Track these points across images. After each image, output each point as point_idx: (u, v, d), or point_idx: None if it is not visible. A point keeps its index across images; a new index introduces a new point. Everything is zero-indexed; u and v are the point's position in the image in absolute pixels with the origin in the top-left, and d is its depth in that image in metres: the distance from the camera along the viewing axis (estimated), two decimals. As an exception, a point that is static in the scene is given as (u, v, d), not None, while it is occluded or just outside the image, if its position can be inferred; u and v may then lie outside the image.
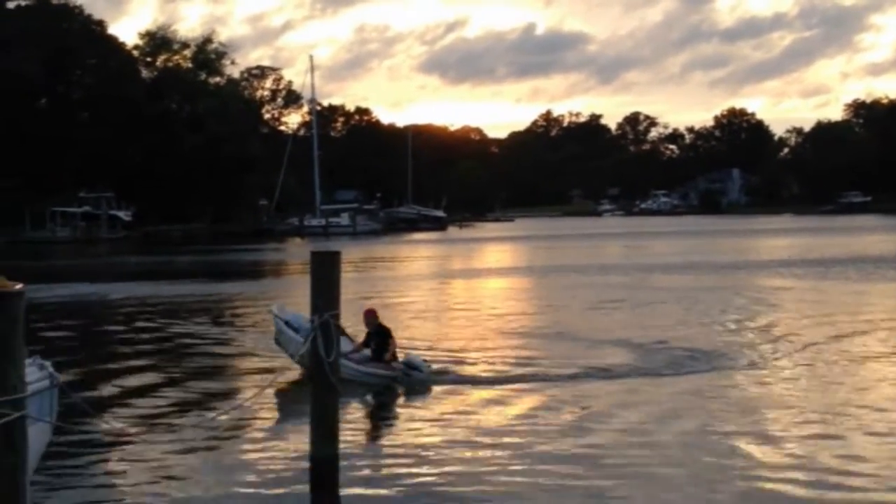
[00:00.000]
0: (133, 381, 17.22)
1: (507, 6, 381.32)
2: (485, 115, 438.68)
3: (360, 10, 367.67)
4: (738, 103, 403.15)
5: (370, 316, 16.86)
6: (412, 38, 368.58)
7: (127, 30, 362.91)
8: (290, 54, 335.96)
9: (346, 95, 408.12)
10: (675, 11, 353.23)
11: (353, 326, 17.75)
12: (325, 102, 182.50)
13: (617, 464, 11.28)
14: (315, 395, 10.60)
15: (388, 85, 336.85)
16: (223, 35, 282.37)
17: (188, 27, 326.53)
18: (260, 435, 13.04)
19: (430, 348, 20.09)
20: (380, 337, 16.57)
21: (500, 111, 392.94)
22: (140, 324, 26.33)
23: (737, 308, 27.77)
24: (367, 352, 16.54)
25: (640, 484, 10.53)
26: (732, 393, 15.42)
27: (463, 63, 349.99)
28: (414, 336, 21.96)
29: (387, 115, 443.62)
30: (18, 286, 9.24)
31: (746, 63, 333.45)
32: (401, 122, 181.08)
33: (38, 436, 9.31)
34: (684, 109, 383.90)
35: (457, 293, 37.32)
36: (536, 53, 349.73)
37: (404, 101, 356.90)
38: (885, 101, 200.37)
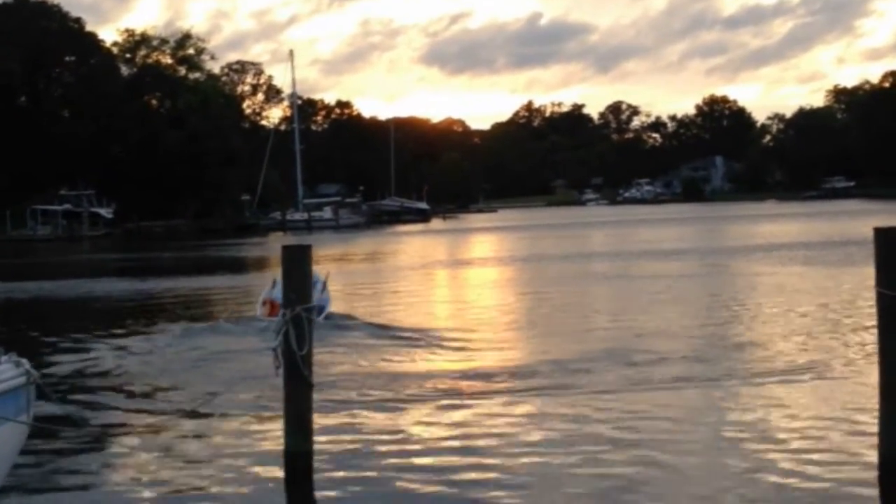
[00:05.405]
0: (109, 377, 17.07)
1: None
2: (480, 106, 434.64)
3: (366, 4, 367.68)
4: (734, 91, 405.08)
5: None
6: (415, 31, 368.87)
7: (134, 27, 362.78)
8: (294, 48, 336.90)
9: (344, 89, 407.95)
10: (679, 0, 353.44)
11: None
12: (323, 96, 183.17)
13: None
14: (288, 389, 10.46)
15: (387, 77, 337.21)
16: (228, 30, 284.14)
17: (194, 23, 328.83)
18: (235, 429, 12.89)
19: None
20: None
21: (495, 102, 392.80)
22: (119, 319, 26.14)
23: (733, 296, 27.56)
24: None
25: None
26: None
27: (464, 54, 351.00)
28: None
29: (383, 107, 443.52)
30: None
31: (745, 51, 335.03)
32: (394, 115, 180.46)
33: (11, 435, 9.08)
34: (679, 98, 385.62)
35: (439, 284, 37.28)
36: (538, 44, 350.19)
37: (401, 93, 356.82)
38: (866, 86, 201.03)
